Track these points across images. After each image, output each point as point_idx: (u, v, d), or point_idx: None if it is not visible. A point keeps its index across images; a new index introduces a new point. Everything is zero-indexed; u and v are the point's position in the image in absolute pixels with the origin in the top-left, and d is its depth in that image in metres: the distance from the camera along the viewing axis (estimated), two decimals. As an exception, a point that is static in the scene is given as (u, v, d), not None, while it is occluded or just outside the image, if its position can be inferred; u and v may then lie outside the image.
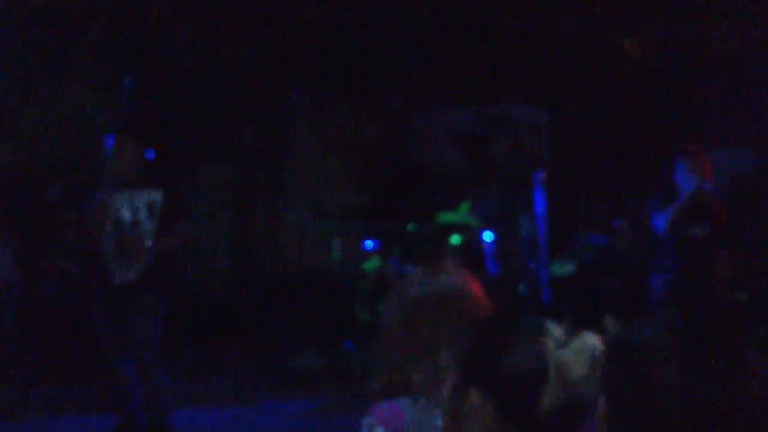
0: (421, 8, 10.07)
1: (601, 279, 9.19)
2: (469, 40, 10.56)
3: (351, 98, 10.85)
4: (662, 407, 1.68)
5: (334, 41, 10.37)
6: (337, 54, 10.44)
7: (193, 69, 10.30)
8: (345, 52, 10.45)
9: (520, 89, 11.06)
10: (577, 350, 1.85)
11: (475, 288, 2.63)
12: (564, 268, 8.86)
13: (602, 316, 8.73)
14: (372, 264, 8.91)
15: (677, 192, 6.56)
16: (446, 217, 9.04)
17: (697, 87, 10.96)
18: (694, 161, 6.57)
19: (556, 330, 1.90)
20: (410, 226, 9.21)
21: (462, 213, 9.08)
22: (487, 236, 9.06)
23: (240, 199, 10.97)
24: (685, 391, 1.69)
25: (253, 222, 10.91)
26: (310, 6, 10.01)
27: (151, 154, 6.50)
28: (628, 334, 1.76)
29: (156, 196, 6.14)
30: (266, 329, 9.57)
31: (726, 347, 5.36)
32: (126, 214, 6.07)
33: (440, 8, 10.09)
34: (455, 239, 8.80)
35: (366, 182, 10.80)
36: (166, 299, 6.18)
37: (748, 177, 11.15)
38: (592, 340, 1.88)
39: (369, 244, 9.27)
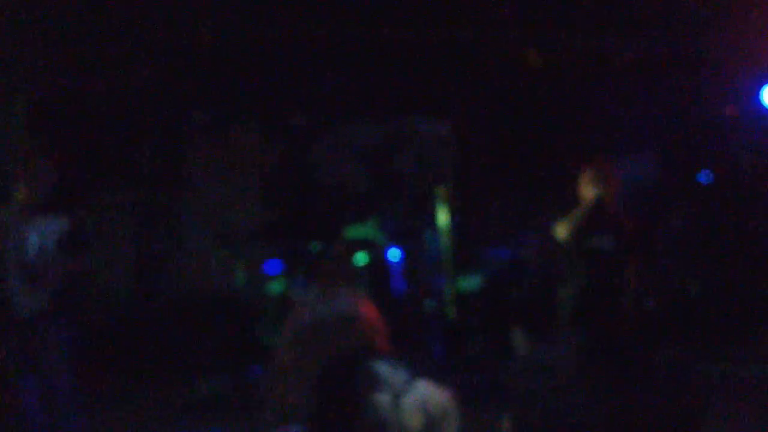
0: (322, 25, 10.01)
1: (507, 292, 9.24)
2: (370, 56, 10.54)
3: (253, 118, 10.74)
4: (568, 426, 1.65)
5: (234, 60, 10.25)
6: (237, 73, 10.32)
7: (91, 91, 10.07)
8: (246, 72, 10.34)
9: (423, 103, 11.07)
10: (410, 405, 1.83)
11: (370, 311, 2.56)
12: (471, 282, 8.88)
13: (510, 329, 8.81)
14: (276, 286, 8.80)
15: (582, 203, 6.57)
16: (354, 231, 8.99)
17: (599, 97, 11.13)
18: (598, 172, 6.59)
19: (393, 380, 1.88)
20: (314, 246, 9.13)
21: (369, 228, 9.04)
22: (393, 253, 9.05)
23: (141, 224, 10.75)
24: (592, 408, 1.66)
25: (155, 247, 10.70)
26: (210, 25, 9.87)
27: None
28: (534, 352, 1.73)
29: (63, 223, 5.95)
30: (171, 355, 9.39)
31: (633, 358, 5.38)
32: (33, 242, 5.87)
33: (341, 25, 10.05)
34: (361, 258, 8.76)
35: (270, 202, 10.69)
36: (73, 329, 6.00)
37: (650, 184, 11.37)
38: (427, 392, 1.87)
39: (273, 265, 9.16)
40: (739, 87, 10.84)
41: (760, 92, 10.34)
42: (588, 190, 6.52)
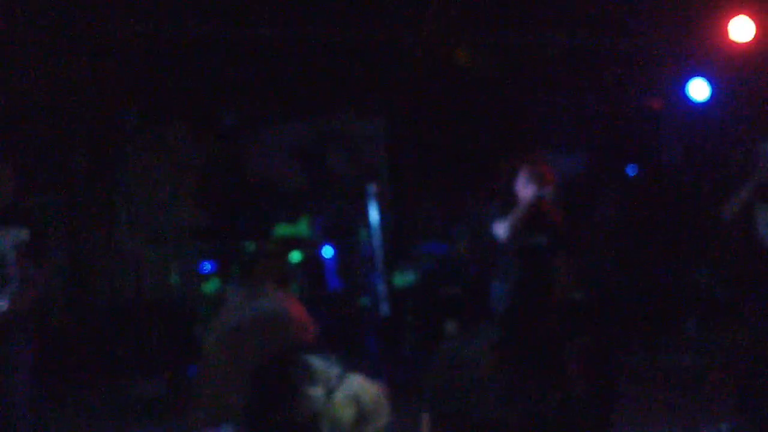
0: (254, 24, 9.99)
1: (440, 287, 9.32)
2: (302, 55, 10.54)
3: (185, 118, 10.67)
4: (486, 421, 1.69)
5: (165, 60, 10.17)
6: (169, 73, 10.25)
7: (18, 93, 9.92)
8: (176, 71, 10.27)
9: (355, 102, 11.11)
10: (342, 397, 1.86)
11: (297, 310, 2.59)
12: (405, 278, 8.95)
13: (443, 323, 8.89)
14: (211, 286, 8.77)
15: (516, 200, 6.63)
16: (284, 229, 9.00)
17: (530, 95, 11.26)
18: (533, 169, 6.63)
19: (326, 373, 1.91)
20: (248, 246, 9.13)
21: (301, 226, 9.06)
22: (327, 251, 9.08)
23: (73, 227, 10.62)
24: (510, 403, 1.70)
25: (88, 249, 10.58)
26: (140, 25, 9.79)
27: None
28: (453, 347, 1.77)
29: (23, 231, 5.82)
30: (106, 357, 9.31)
31: (552, 350, 5.50)
32: None
33: (273, 23, 10.04)
34: (295, 256, 8.78)
35: (203, 202, 10.63)
36: (32, 345, 5.89)
37: (580, 178, 11.53)
38: (359, 385, 1.91)
39: (207, 266, 9.13)
40: (666, 81, 11.05)
41: (686, 86, 10.57)
42: (526, 189, 6.58)
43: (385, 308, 7.57)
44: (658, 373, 9.03)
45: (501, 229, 6.61)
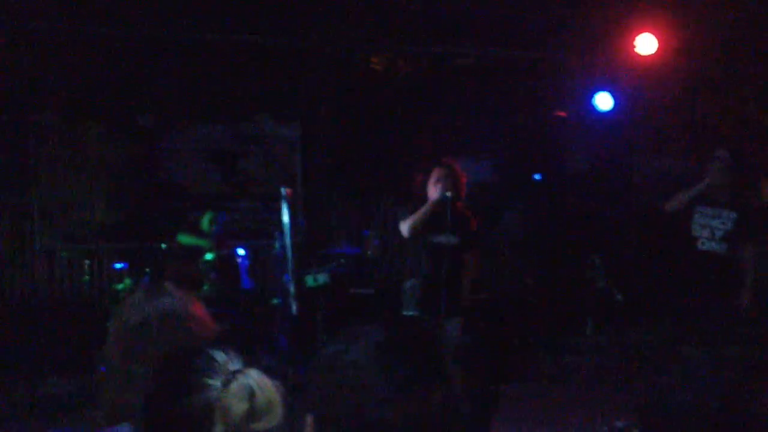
0: (172, 26, 9.93)
1: (352, 287, 9.37)
2: (220, 58, 10.51)
3: (100, 118, 10.53)
4: (370, 422, 1.71)
5: (81, 59, 10.04)
6: (84, 72, 10.12)
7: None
8: (93, 71, 10.14)
9: (271, 106, 11.10)
10: (237, 390, 1.88)
11: (197, 308, 2.62)
12: (318, 279, 8.97)
13: (354, 322, 8.95)
14: (123, 285, 8.68)
15: (428, 202, 6.73)
16: (186, 239, 8.96)
17: (443, 101, 11.37)
18: (445, 172, 6.75)
19: (226, 366, 1.92)
20: (161, 246, 9.07)
21: (206, 226, 9.01)
22: (240, 252, 9.06)
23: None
24: (394, 404, 1.72)
25: (2, 247, 10.39)
26: (56, 23, 9.65)
27: None
28: (335, 350, 1.78)
29: None
30: (16, 356, 9.14)
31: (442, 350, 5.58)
32: None
33: (191, 25, 9.98)
34: (209, 255, 8.74)
35: (117, 202, 10.52)
36: None
37: (489, 184, 11.69)
38: (254, 380, 1.92)
39: (119, 265, 9.04)
40: (573, 93, 11.27)
41: (593, 98, 10.81)
42: (435, 190, 6.69)
43: (295, 308, 7.59)
44: (559, 372, 9.23)
45: (404, 227, 6.73)
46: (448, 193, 6.62)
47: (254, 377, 1.93)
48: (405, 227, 6.76)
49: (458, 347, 6.60)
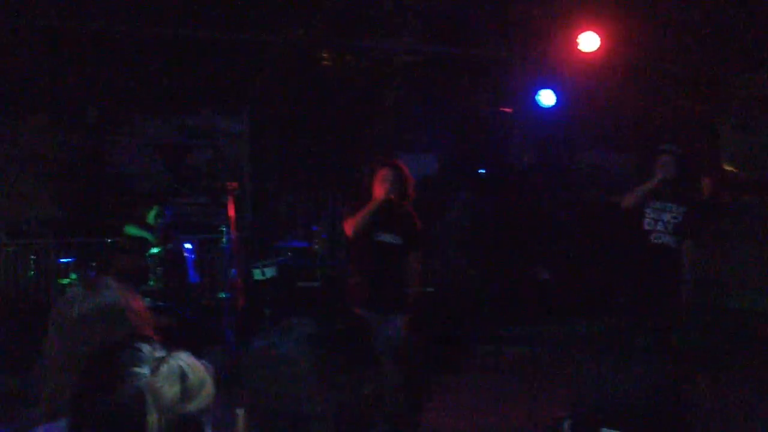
0: (119, 20, 9.85)
1: (299, 281, 9.38)
2: (168, 52, 10.44)
3: (44, 112, 10.41)
4: (301, 415, 1.71)
5: (27, 52, 9.92)
6: (31, 66, 10.00)
7: None
8: (39, 64, 10.02)
9: (220, 100, 11.06)
10: (167, 373, 1.87)
11: (136, 303, 2.62)
12: (265, 272, 8.97)
13: (299, 315, 8.96)
14: (69, 280, 8.60)
15: (375, 199, 6.69)
16: (133, 230, 8.89)
17: (389, 98, 11.41)
18: (391, 172, 6.72)
19: (153, 353, 1.92)
20: (107, 240, 9.00)
21: (152, 220, 8.95)
22: (187, 246, 9.03)
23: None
24: (325, 396, 1.73)
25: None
26: (2, 17, 9.52)
27: None
28: (267, 344, 1.78)
29: None
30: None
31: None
32: None
33: (138, 19, 9.91)
34: (155, 249, 8.69)
35: (63, 197, 10.41)
36: None
37: (434, 179, 11.75)
38: (184, 362, 1.91)
39: (65, 260, 8.95)
40: (518, 89, 11.37)
41: (537, 94, 10.92)
42: (380, 190, 6.69)
43: (242, 301, 7.58)
44: (501, 363, 9.33)
45: (348, 226, 6.75)
46: (391, 195, 6.65)
47: (183, 359, 1.92)
48: (349, 226, 6.78)
49: (400, 344, 6.64)
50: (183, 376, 1.88)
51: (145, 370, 1.86)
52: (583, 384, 2.04)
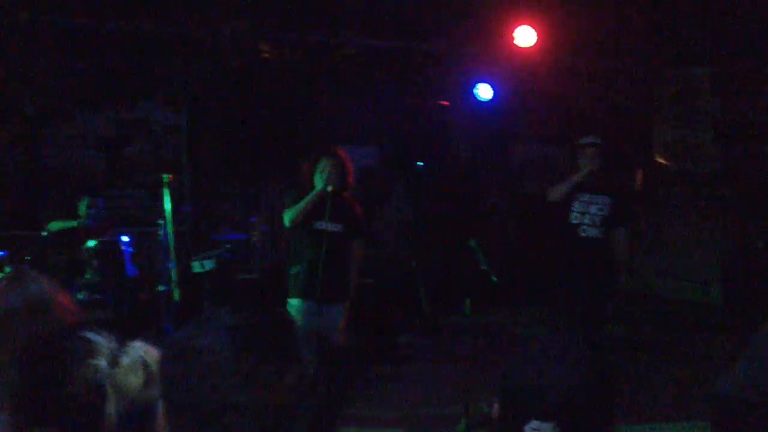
0: (56, 11, 9.71)
1: (238, 273, 9.37)
2: (105, 44, 10.32)
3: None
4: (221, 408, 1.71)
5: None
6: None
7: None
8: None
9: (157, 93, 10.97)
10: (130, 364, 1.89)
11: (62, 296, 2.62)
12: (204, 265, 8.94)
13: (242, 308, 8.94)
14: (2, 274, 8.48)
15: (315, 190, 6.75)
16: (56, 225, 8.81)
17: (329, 89, 11.41)
18: (331, 162, 6.78)
19: (107, 345, 1.92)
20: (44, 234, 8.90)
21: (81, 208, 8.88)
22: (124, 239, 8.96)
23: None
24: (246, 389, 1.73)
25: None
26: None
27: None
28: (186, 336, 1.77)
29: None
30: None
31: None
32: None
33: (76, 12, 9.79)
34: (91, 242, 8.62)
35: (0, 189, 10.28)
36: None
37: (374, 170, 11.79)
38: (142, 351, 1.93)
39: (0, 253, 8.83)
40: (456, 82, 11.44)
41: (475, 88, 11.00)
42: (321, 178, 6.74)
43: (178, 294, 7.56)
44: (439, 353, 9.41)
45: (287, 216, 6.76)
46: (329, 188, 6.68)
47: (141, 348, 1.94)
48: (288, 216, 6.79)
49: (333, 335, 6.68)
50: (145, 364, 1.90)
51: (102, 362, 1.87)
52: (510, 373, 2.07)
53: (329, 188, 6.67)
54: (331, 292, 6.75)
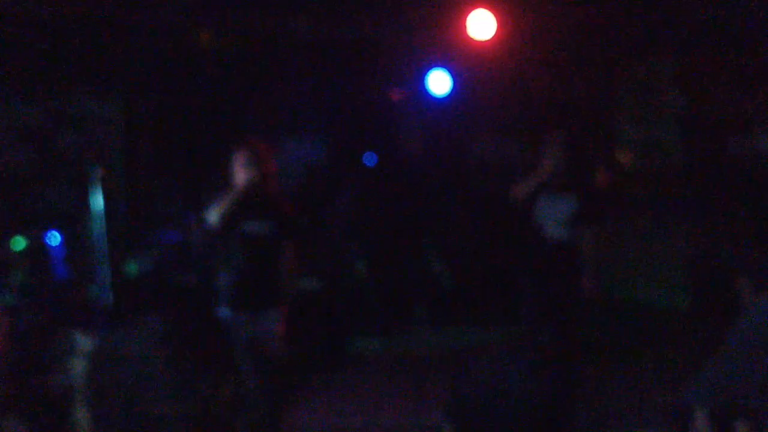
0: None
1: (175, 275, 9.29)
2: (33, 30, 10.17)
3: None
4: (151, 417, 1.70)
5: None
6: None
7: None
8: None
9: (89, 83, 10.82)
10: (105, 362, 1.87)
11: None
12: (139, 266, 8.86)
13: (180, 312, 8.87)
14: None
15: (234, 187, 6.52)
16: None
17: (271, 79, 11.35)
18: (251, 154, 6.52)
19: (85, 343, 1.90)
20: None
21: None
22: (54, 238, 8.84)
23: None
24: (177, 398, 1.71)
25: None
26: None
27: None
28: (114, 343, 1.76)
29: None
30: None
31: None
32: None
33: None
34: (18, 243, 8.49)
35: None
36: None
37: (317, 167, 11.76)
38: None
39: None
40: (406, 72, 11.43)
41: (426, 78, 11.01)
42: (241, 174, 6.50)
43: (109, 297, 7.47)
44: (392, 360, 9.44)
45: (211, 216, 6.57)
46: (256, 178, 6.45)
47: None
48: (212, 216, 6.54)
49: (269, 343, 6.56)
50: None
51: (80, 363, 1.84)
52: (460, 385, 2.05)
53: (254, 181, 6.42)
54: (263, 299, 6.57)
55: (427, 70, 11.03)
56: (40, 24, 10.08)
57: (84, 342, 1.99)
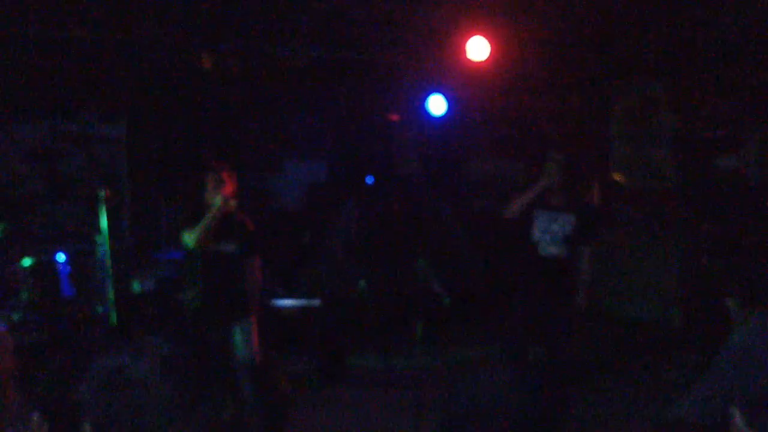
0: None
1: (178, 293, 9.33)
2: (41, 53, 10.25)
3: None
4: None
5: None
6: None
7: None
8: None
9: (96, 104, 10.90)
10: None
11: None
12: (144, 284, 8.90)
13: (179, 335, 8.90)
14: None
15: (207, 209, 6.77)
16: None
17: (275, 102, 11.41)
18: (217, 177, 6.84)
19: (91, 362, 1.94)
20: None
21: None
22: (61, 257, 8.90)
23: None
24: (181, 423, 1.76)
25: None
26: None
27: None
28: (117, 365, 1.79)
29: None
30: None
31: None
32: None
33: (9, 18, 9.71)
34: (26, 261, 8.55)
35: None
36: None
37: (322, 186, 11.82)
38: None
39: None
40: (407, 96, 11.51)
41: (426, 101, 11.09)
42: (211, 196, 6.77)
43: (114, 316, 7.52)
44: (390, 374, 9.45)
45: (189, 238, 6.73)
46: (226, 201, 6.68)
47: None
48: (191, 239, 6.74)
49: (251, 357, 6.62)
50: None
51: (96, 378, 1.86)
52: (452, 402, 2.08)
53: (230, 202, 6.64)
54: (228, 314, 6.74)
55: (427, 93, 11.12)
56: (46, 46, 10.15)
57: (90, 361, 2.01)
